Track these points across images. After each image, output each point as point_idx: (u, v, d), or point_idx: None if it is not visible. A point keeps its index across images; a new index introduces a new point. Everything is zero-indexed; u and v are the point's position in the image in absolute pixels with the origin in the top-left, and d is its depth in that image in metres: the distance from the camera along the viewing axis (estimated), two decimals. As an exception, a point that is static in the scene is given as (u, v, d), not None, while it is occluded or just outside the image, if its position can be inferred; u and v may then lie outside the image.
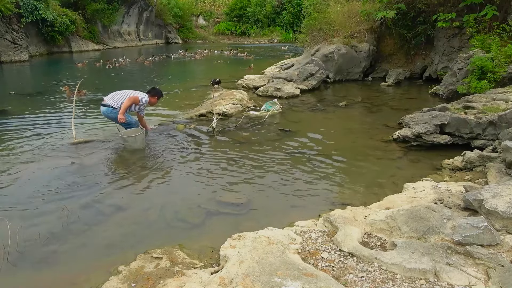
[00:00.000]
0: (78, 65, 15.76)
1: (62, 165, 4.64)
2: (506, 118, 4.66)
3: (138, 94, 5.38)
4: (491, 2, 8.56)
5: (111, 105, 5.30)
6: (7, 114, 7.21)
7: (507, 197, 2.63)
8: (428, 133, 5.17)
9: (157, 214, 3.50)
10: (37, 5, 17.98)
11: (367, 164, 4.73)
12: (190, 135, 5.87)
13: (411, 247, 2.39)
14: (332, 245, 2.60)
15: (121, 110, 5.18)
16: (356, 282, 2.19)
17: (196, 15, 40.51)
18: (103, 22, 25.28)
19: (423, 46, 11.17)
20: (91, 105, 8.00)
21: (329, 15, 11.85)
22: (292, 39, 29.89)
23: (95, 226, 3.29)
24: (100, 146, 5.33)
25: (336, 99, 8.63)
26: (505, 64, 7.04)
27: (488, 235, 2.33)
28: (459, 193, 3.17)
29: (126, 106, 5.20)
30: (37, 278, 2.64)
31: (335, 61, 10.74)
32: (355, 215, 2.99)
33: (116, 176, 4.35)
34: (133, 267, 2.59)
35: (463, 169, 4.31)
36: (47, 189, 3.96)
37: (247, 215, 3.49)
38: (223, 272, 2.28)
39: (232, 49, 24.00)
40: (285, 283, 2.07)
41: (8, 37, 16.69)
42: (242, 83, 10.42)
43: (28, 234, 3.09)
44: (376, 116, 7.27)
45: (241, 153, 5.09)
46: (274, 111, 7.28)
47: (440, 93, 8.33)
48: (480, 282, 2.12)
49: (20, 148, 5.23)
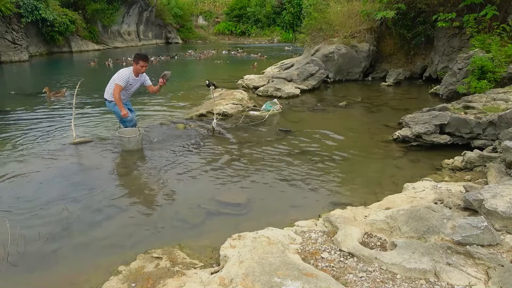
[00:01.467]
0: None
1: (62, 165, 4.64)
2: (506, 118, 4.66)
3: (116, 79, 4.90)
4: (491, 2, 8.56)
5: (107, 99, 5.11)
6: (7, 114, 7.21)
7: (507, 197, 2.63)
8: (428, 133, 5.17)
9: (157, 214, 3.51)
10: (37, 5, 17.98)
11: (367, 164, 4.73)
12: (190, 135, 5.87)
13: (411, 247, 2.39)
14: (332, 245, 2.60)
15: (119, 105, 4.90)
16: (356, 282, 2.19)
17: (196, 15, 40.51)
18: (103, 22, 25.28)
19: (423, 46, 11.17)
20: (91, 105, 8.00)
21: (329, 15, 11.85)
22: (292, 39, 29.88)
23: (95, 226, 3.28)
24: (100, 146, 5.33)
25: (336, 99, 8.64)
26: (505, 64, 7.04)
27: (488, 235, 2.33)
28: (459, 193, 3.17)
29: (118, 98, 4.87)
30: (37, 278, 2.64)
31: (335, 61, 10.74)
32: (355, 215, 2.99)
33: (116, 176, 4.36)
34: (133, 267, 2.59)
35: (463, 169, 4.31)
36: (47, 189, 3.96)
37: (247, 215, 3.49)
38: (223, 272, 2.28)
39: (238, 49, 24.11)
40: (285, 283, 2.06)
41: (8, 37, 16.68)
42: (242, 83, 10.42)
43: (28, 234, 3.09)
44: (376, 116, 7.27)
45: (241, 153, 5.09)
46: (274, 111, 7.28)
47: (440, 93, 8.34)
48: (480, 282, 2.12)
49: (20, 148, 5.23)
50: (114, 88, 4.89)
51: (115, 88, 4.89)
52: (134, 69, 5.00)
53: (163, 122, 6.59)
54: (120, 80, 4.90)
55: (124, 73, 4.96)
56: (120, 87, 4.90)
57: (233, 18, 39.63)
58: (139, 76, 5.09)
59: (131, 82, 5.04)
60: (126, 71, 4.99)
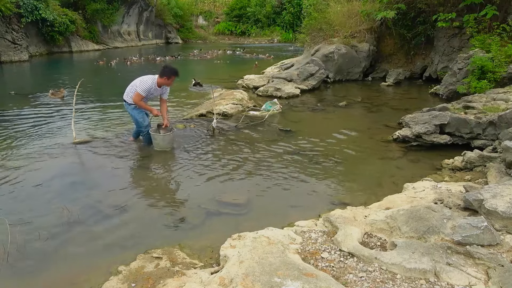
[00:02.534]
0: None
1: (62, 165, 4.64)
2: (506, 118, 4.66)
3: (139, 87, 4.87)
4: (491, 2, 8.56)
5: (126, 101, 5.09)
6: (7, 114, 7.21)
7: (507, 197, 2.63)
8: (428, 133, 5.17)
9: (157, 214, 3.51)
10: (37, 5, 17.95)
11: (367, 164, 4.73)
12: (190, 135, 5.87)
13: (411, 247, 2.39)
14: (332, 245, 2.60)
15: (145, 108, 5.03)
16: (356, 282, 2.19)
17: (196, 15, 40.46)
18: (103, 22, 25.24)
19: (423, 46, 11.17)
20: (91, 105, 8.00)
21: (329, 15, 11.85)
22: (292, 39, 29.85)
23: (95, 226, 3.28)
24: (100, 146, 5.33)
25: (336, 99, 8.63)
26: (505, 64, 7.04)
27: (488, 235, 2.33)
28: (459, 193, 3.17)
29: (139, 104, 4.95)
30: (37, 278, 2.64)
31: (335, 61, 10.74)
32: (355, 215, 2.99)
33: (116, 176, 4.35)
34: (133, 267, 2.59)
35: (463, 169, 4.31)
36: (47, 189, 3.96)
37: (247, 215, 3.49)
38: (223, 272, 2.28)
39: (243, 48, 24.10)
40: (285, 283, 2.06)
41: (8, 37, 16.66)
42: (242, 83, 10.42)
43: (28, 234, 3.09)
44: (376, 116, 7.27)
45: (241, 153, 5.09)
46: (274, 111, 7.28)
47: (440, 93, 8.33)
48: (480, 282, 2.12)
49: (20, 148, 5.23)
50: (135, 96, 4.89)
51: (136, 96, 4.88)
52: (159, 81, 4.92)
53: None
54: (142, 90, 4.87)
55: (147, 82, 4.88)
56: (141, 97, 4.90)
57: (233, 18, 39.58)
58: (162, 87, 5.05)
59: (152, 91, 5.00)
60: (150, 81, 4.90)
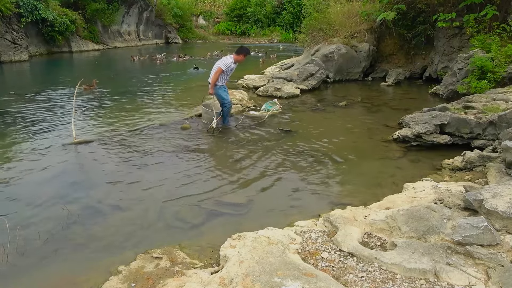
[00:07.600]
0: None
1: (62, 165, 4.64)
2: (506, 118, 4.66)
3: (221, 64, 5.95)
4: (491, 2, 8.56)
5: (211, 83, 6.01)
6: (7, 114, 7.21)
7: (507, 197, 2.63)
8: (428, 133, 5.17)
9: (157, 214, 3.50)
10: (37, 5, 17.96)
11: (367, 164, 4.72)
12: (190, 135, 5.87)
13: (411, 247, 2.39)
14: (332, 245, 2.60)
15: (210, 86, 5.98)
16: (356, 282, 2.19)
17: (196, 15, 40.44)
18: (103, 22, 25.25)
19: (423, 46, 11.17)
20: (91, 105, 8.00)
21: (329, 15, 11.85)
22: (292, 39, 29.85)
23: (95, 226, 3.28)
24: (100, 146, 5.33)
25: (336, 99, 8.63)
26: (505, 64, 7.04)
27: (488, 235, 2.33)
28: (459, 193, 3.17)
29: (214, 81, 5.94)
30: (37, 278, 2.63)
31: (335, 61, 10.74)
32: (355, 215, 2.99)
33: (116, 176, 4.35)
34: (133, 267, 2.59)
35: (463, 169, 4.31)
36: (47, 189, 3.96)
37: (247, 215, 3.49)
38: (223, 272, 2.28)
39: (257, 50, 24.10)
40: (285, 283, 2.07)
41: (8, 37, 16.66)
42: (242, 83, 10.41)
43: (28, 234, 3.09)
44: (376, 116, 7.27)
45: (241, 153, 5.09)
46: (274, 111, 7.28)
47: (440, 93, 8.33)
48: (480, 282, 2.12)
49: (20, 148, 5.23)
50: (216, 70, 5.92)
51: (217, 70, 5.92)
52: (235, 58, 6.10)
53: (162, 123, 6.58)
54: (223, 64, 5.96)
55: (227, 60, 6.04)
56: (221, 70, 5.94)
57: (233, 18, 39.57)
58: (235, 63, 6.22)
59: (232, 67, 6.17)
60: (229, 59, 6.07)
